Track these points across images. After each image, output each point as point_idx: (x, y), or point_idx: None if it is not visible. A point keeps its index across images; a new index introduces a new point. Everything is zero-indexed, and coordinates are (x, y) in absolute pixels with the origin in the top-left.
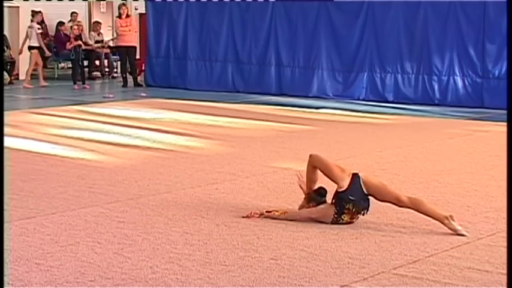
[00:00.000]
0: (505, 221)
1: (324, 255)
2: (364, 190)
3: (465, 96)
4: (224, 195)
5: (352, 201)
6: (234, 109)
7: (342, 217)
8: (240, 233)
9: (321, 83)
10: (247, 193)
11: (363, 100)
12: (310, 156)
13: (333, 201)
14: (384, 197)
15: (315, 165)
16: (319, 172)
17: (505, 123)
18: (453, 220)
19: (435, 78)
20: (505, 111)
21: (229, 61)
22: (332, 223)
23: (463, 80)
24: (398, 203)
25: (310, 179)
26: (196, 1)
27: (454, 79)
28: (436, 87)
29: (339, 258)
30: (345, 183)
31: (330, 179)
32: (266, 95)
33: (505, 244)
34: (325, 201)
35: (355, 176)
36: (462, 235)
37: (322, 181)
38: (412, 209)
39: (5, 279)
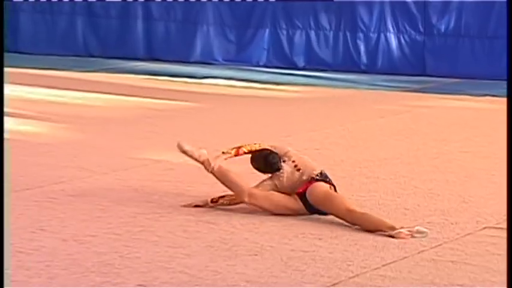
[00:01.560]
0: (453, 227)
1: (211, 279)
2: (312, 205)
3: (401, 59)
4: (73, 198)
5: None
6: (85, 80)
7: None
8: (96, 251)
9: (207, 43)
10: (106, 195)
11: (264, 66)
12: (243, 199)
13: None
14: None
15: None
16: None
17: (454, 96)
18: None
19: (361, 35)
20: (453, 80)
21: (79, 13)
22: None
23: (398, 37)
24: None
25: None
26: None
27: (386, 37)
28: (362, 48)
29: (231, 282)
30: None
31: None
32: (131, 61)
33: (454, 259)
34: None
35: (305, 202)
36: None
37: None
38: (354, 224)
39: None
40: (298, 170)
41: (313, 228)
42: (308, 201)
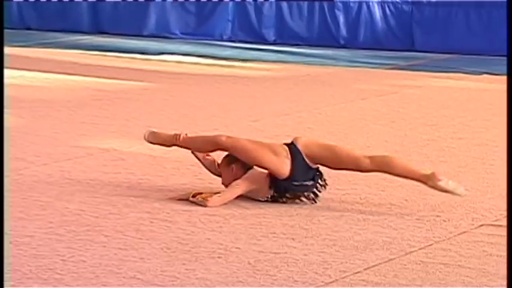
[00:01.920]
0: (446, 224)
1: (167, 285)
2: (309, 163)
3: (386, 33)
4: (8, 193)
5: (295, 188)
6: (22, 56)
7: (283, 199)
8: (34, 254)
9: (162, 14)
10: (46, 190)
11: (228, 40)
12: (221, 139)
13: (270, 184)
14: (338, 165)
15: (231, 153)
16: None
17: (446, 74)
18: (438, 179)
19: (339, 5)
20: (445, 56)
21: None
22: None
23: (383, 7)
24: (358, 168)
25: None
26: None
27: (368, 6)
28: (341, 19)
29: None
30: (286, 170)
31: (263, 168)
32: (74, 34)
33: (446, 261)
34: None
35: (294, 153)
36: (458, 195)
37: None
38: (381, 171)
39: None
40: None
41: (285, 226)
42: (298, 150)
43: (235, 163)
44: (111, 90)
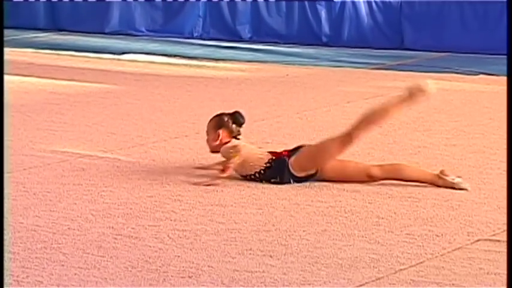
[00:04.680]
0: (439, 239)
1: None
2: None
3: (373, 29)
4: None
5: (295, 179)
6: None
7: (272, 180)
8: None
9: (126, 9)
10: None
11: (199, 38)
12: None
13: (272, 162)
14: (348, 180)
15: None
16: None
17: (439, 75)
18: (446, 175)
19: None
20: (437, 54)
21: None
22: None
23: (369, 2)
24: (369, 179)
25: None
26: None
27: (353, 1)
28: (323, 15)
29: None
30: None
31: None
32: (29, 31)
33: (439, 280)
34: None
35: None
36: (464, 189)
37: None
38: (391, 179)
39: None
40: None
41: (262, 242)
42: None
43: (222, 128)
44: (70, 93)
